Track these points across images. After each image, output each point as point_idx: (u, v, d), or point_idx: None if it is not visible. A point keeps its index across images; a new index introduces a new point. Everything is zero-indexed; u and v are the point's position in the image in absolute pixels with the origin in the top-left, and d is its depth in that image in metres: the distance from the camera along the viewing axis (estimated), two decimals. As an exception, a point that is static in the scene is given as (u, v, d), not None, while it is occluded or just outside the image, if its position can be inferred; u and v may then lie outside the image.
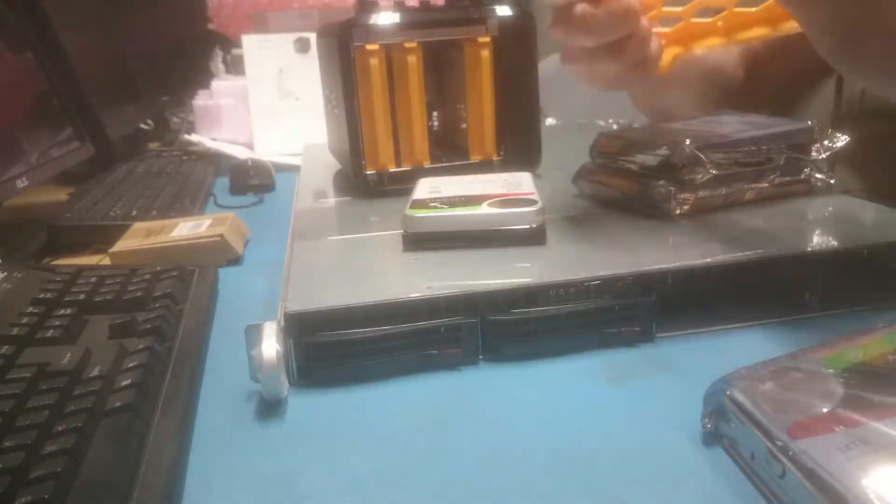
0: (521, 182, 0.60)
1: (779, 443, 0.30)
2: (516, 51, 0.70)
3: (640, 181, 0.58)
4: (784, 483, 0.29)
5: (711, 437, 0.35)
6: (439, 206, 0.54)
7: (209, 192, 0.94)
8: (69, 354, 0.40)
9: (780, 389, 0.33)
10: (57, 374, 0.39)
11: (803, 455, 0.29)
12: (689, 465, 0.34)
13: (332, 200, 0.72)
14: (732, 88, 0.82)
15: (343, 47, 0.65)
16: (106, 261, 0.66)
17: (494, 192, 0.57)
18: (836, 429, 0.30)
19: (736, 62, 0.83)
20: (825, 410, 0.31)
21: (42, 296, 0.50)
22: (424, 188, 0.60)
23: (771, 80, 0.82)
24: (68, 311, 0.47)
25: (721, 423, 0.34)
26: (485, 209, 0.53)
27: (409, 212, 0.54)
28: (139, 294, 0.50)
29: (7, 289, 0.51)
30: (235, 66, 1.40)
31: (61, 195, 0.92)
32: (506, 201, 0.54)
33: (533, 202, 0.53)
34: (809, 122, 0.61)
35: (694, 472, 0.33)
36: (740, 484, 0.32)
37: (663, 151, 0.56)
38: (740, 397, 0.33)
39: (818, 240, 0.49)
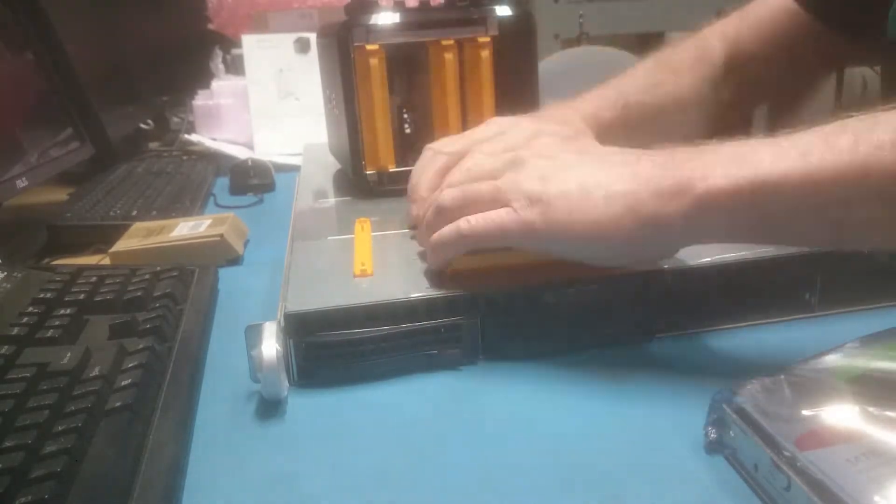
0: None
1: (786, 454, 0.29)
2: (516, 51, 0.70)
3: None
4: (789, 495, 0.29)
5: (714, 446, 0.34)
6: None
7: (209, 192, 0.94)
8: (69, 354, 0.40)
9: (787, 399, 0.32)
10: (57, 374, 0.39)
11: (811, 466, 0.28)
12: (690, 470, 0.34)
13: (332, 200, 0.72)
14: (712, 113, 0.72)
15: (343, 47, 0.65)
16: (106, 261, 0.66)
17: None
18: (846, 440, 0.29)
19: (719, 79, 0.73)
20: (834, 421, 0.30)
21: (42, 296, 0.50)
22: None
23: (762, 80, 0.79)
24: (68, 311, 0.47)
25: (724, 432, 0.34)
26: None
27: None
28: (139, 294, 0.50)
29: (7, 289, 0.51)
30: (235, 66, 1.40)
31: (61, 195, 0.92)
32: None
33: None
34: None
35: (694, 478, 0.33)
36: (742, 494, 0.32)
37: None
38: (746, 407, 0.32)
39: (818, 240, 0.49)
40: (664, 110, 0.66)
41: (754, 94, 0.77)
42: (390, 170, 0.69)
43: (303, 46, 1.17)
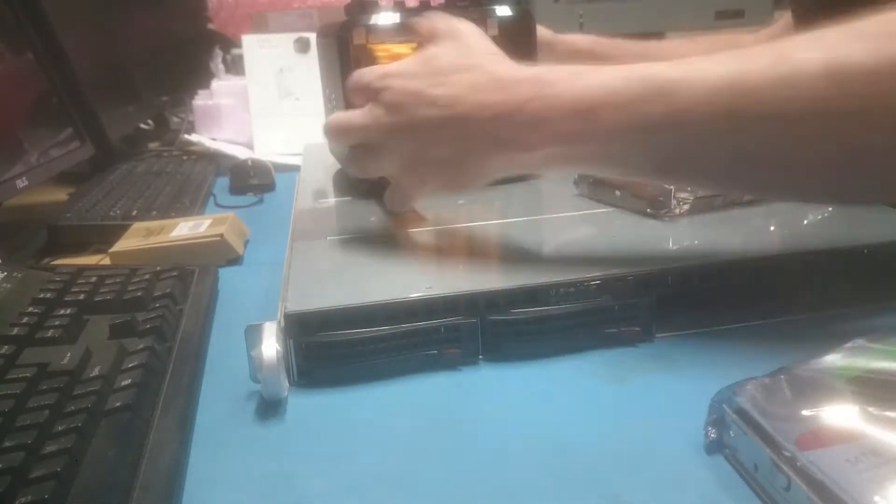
0: None
1: (786, 454, 0.29)
2: (516, 51, 0.70)
3: (640, 181, 0.58)
4: (789, 496, 0.29)
5: (714, 446, 0.34)
6: None
7: (209, 192, 0.94)
8: (69, 354, 0.40)
9: (787, 399, 0.32)
10: (57, 374, 0.39)
11: (811, 466, 0.28)
12: (690, 470, 0.33)
13: (332, 200, 0.72)
14: None
15: (343, 47, 0.65)
16: (106, 261, 0.66)
17: None
18: (846, 440, 0.29)
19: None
20: (834, 421, 0.30)
21: (42, 296, 0.50)
22: None
23: None
24: (68, 311, 0.47)
25: (724, 432, 0.34)
26: None
27: None
28: (139, 294, 0.50)
29: (7, 289, 0.51)
30: (235, 66, 1.40)
31: (61, 195, 0.92)
32: None
33: None
34: None
35: (694, 478, 0.33)
36: (742, 493, 0.32)
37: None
38: (746, 407, 0.32)
39: (818, 240, 0.49)
40: None
41: None
42: None
43: (303, 46, 1.17)
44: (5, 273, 0.54)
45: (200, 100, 1.24)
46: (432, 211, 0.62)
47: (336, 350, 0.43)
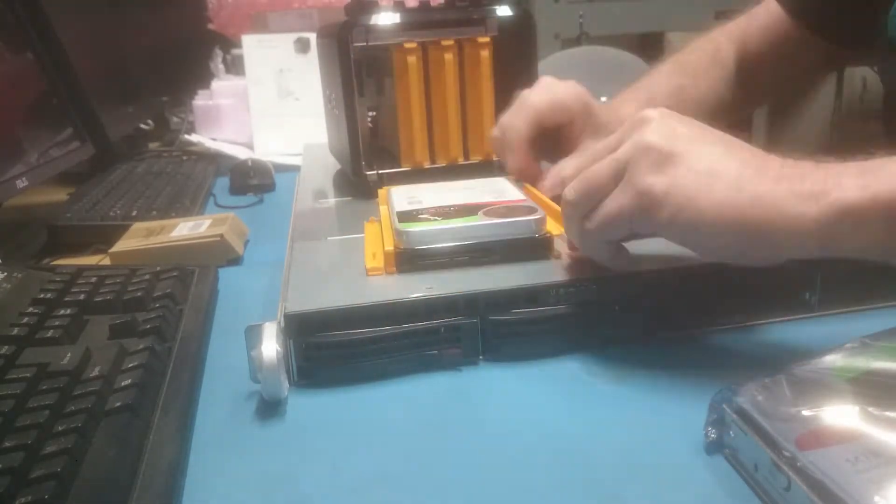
0: (503, 189, 0.56)
1: (786, 454, 0.29)
2: (516, 51, 0.70)
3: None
4: (790, 496, 0.29)
5: (714, 446, 0.34)
6: (431, 218, 0.49)
7: (209, 192, 0.94)
8: (69, 354, 0.40)
9: (787, 399, 0.32)
10: (57, 374, 0.39)
11: (811, 466, 0.28)
12: (690, 470, 0.33)
13: (332, 200, 0.72)
14: (723, 113, 0.73)
15: (343, 47, 0.65)
16: (106, 261, 0.66)
17: (483, 200, 0.52)
18: (846, 440, 0.29)
19: (732, 80, 0.75)
20: (834, 421, 0.30)
21: (42, 296, 0.50)
22: (402, 199, 0.54)
23: (765, 82, 0.79)
24: (68, 311, 0.47)
25: (724, 432, 0.34)
26: (484, 219, 0.48)
27: (402, 226, 0.47)
28: (139, 294, 0.50)
29: (7, 289, 0.51)
30: (235, 66, 1.40)
31: (61, 195, 0.92)
32: (504, 210, 0.50)
33: (533, 209, 0.49)
34: None
35: (694, 478, 0.33)
36: (742, 494, 0.32)
37: None
38: (746, 407, 0.32)
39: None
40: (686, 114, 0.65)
41: (758, 94, 0.78)
42: (425, 166, 0.70)
43: (303, 46, 1.17)
44: (5, 273, 0.54)
45: (200, 100, 1.24)
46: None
47: (336, 350, 0.43)
